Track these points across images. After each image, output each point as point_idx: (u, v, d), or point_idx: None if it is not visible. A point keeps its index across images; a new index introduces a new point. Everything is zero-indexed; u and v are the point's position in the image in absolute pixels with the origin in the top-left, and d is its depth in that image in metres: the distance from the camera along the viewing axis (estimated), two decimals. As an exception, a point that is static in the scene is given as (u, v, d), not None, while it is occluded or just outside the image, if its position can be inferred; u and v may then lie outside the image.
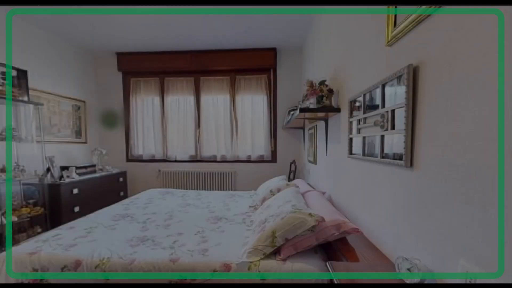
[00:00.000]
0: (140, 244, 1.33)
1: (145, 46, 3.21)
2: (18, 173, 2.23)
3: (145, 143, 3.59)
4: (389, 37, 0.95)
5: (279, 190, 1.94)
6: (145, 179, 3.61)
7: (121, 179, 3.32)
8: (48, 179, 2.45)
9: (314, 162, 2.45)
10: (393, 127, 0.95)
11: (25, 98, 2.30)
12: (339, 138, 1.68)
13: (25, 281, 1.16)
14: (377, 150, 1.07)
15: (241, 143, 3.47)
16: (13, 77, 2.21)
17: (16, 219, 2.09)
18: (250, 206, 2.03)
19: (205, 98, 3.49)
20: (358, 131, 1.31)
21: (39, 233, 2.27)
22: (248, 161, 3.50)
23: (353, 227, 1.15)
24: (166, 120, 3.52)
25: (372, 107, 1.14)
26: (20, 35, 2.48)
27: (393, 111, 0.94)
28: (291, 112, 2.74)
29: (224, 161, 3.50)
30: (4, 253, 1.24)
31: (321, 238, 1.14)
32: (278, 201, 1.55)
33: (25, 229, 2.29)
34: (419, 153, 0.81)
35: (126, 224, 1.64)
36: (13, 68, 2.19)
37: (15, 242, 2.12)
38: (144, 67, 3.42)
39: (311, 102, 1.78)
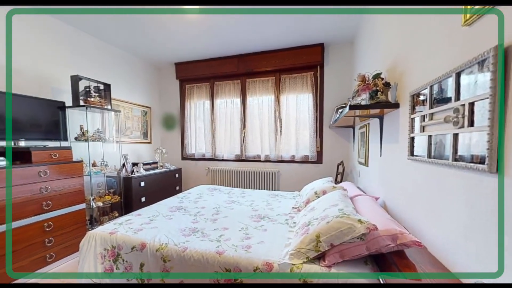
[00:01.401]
0: (191, 235, 1.47)
1: (198, 55, 3.52)
2: (103, 167, 2.76)
3: (197, 143, 3.94)
4: (468, 15, 0.79)
5: (324, 192, 1.84)
6: (196, 176, 3.96)
7: (177, 175, 3.73)
8: (123, 173, 2.95)
9: (366, 163, 2.23)
10: (471, 124, 0.78)
11: (108, 107, 2.82)
12: (397, 137, 1.48)
13: (107, 255, 1.42)
14: (448, 151, 0.90)
15: (285, 143, 3.43)
16: (100, 90, 2.74)
17: (101, 204, 2.59)
18: (293, 207, 1.99)
19: (250, 99, 3.59)
20: (422, 129, 1.12)
21: (116, 217, 2.76)
22: (292, 161, 3.44)
23: (413, 239, 0.99)
24: (215, 121, 3.78)
25: (442, 100, 0.96)
26: (106, 56, 3.07)
27: (471, 104, 0.77)
28: (340, 110, 2.56)
29: (267, 161, 3.53)
30: (95, 230, 1.54)
31: (373, 248, 1.02)
32: (324, 204, 1.47)
33: (107, 212, 2.81)
34: (510, 156, 0.64)
35: (180, 216, 1.83)
36: (100, 82, 2.72)
37: (100, 222, 2.63)
38: (197, 74, 3.75)
39: (363, 98, 1.63)
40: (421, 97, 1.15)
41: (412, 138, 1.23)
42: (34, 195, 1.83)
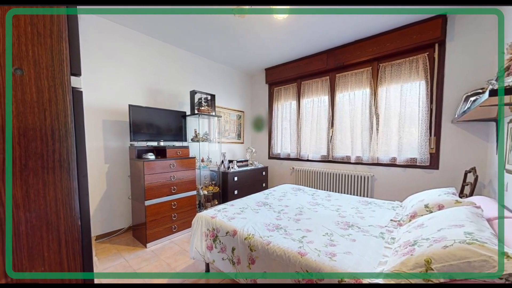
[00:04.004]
0: (275, 230, 1.53)
1: (285, 57, 3.62)
2: (208, 163, 3.39)
3: (282, 143, 4.07)
4: None
5: (440, 207, 1.42)
6: (281, 175, 4.09)
7: (263, 173, 4.01)
8: (221, 168, 3.50)
9: (521, 174, 1.51)
10: None
11: (213, 113, 3.44)
12: None
13: (209, 234, 1.73)
14: None
15: (383, 142, 2.91)
16: (208, 100, 3.38)
17: (206, 192, 3.19)
18: (392, 220, 1.65)
19: (340, 95, 3.31)
20: None
21: (216, 204, 3.31)
22: (392, 164, 2.86)
23: None
24: (301, 121, 3.76)
25: None
26: (212, 71, 3.75)
27: None
28: (471, 99, 1.89)
29: (359, 163, 3.13)
30: (201, 213, 1.91)
31: (532, 302, 0.68)
32: (439, 221, 1.13)
33: (209, 200, 3.43)
34: None
35: (265, 211, 1.94)
36: (208, 94, 3.37)
37: (205, 207, 3.24)
38: (284, 76, 3.86)
39: (518, 78, 1.12)
40: None
41: None
42: (167, 181, 2.51)
